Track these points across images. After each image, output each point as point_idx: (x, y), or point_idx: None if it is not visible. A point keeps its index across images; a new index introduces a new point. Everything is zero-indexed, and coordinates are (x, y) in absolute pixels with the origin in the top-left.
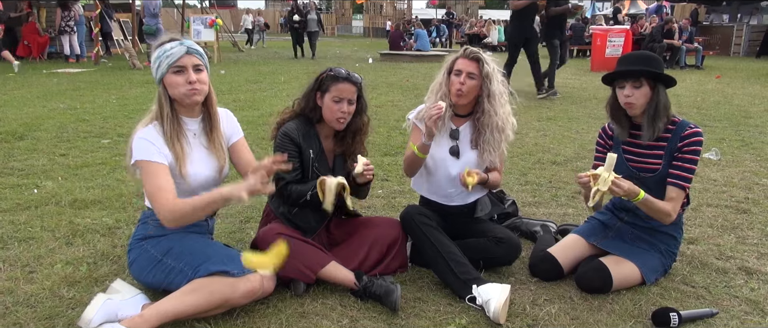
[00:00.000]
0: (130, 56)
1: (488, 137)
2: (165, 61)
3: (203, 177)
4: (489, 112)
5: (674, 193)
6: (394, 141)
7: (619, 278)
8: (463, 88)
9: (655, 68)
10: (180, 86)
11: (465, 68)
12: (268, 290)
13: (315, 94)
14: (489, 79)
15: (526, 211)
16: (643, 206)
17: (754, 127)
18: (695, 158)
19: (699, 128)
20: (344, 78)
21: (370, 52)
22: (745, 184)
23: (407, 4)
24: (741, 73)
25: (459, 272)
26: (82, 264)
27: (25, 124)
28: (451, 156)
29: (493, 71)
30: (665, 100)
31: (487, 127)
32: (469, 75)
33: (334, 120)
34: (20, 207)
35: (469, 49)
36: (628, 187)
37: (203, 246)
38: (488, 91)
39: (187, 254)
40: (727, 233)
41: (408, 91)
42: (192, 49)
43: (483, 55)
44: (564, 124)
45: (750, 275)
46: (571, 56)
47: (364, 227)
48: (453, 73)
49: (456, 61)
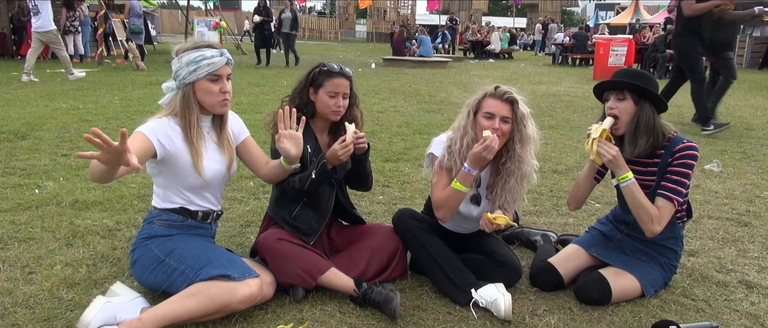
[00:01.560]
0: (134, 57)
1: (512, 186)
2: (205, 68)
3: (213, 171)
4: (520, 158)
5: (661, 203)
6: (395, 147)
7: (619, 290)
8: (500, 133)
9: (642, 84)
10: (213, 95)
11: (498, 112)
12: (267, 295)
13: (308, 90)
14: (523, 123)
15: (527, 220)
16: (629, 193)
17: (756, 140)
18: (686, 172)
19: (694, 143)
20: (338, 73)
21: (374, 57)
22: (746, 196)
23: (411, 10)
24: (743, 85)
25: (455, 277)
26: (82, 266)
27: (27, 123)
28: (472, 204)
29: (527, 114)
30: (650, 118)
31: (513, 176)
32: (503, 119)
33: (330, 113)
34: (21, 207)
35: (501, 89)
36: (616, 153)
37: (205, 249)
38: (521, 136)
39: (189, 256)
40: (727, 246)
41: (410, 97)
42: (230, 60)
43: (516, 95)
44: (565, 132)
45: (750, 288)
46: (573, 65)
47: (364, 236)
48: (482, 116)
49: (484, 101)
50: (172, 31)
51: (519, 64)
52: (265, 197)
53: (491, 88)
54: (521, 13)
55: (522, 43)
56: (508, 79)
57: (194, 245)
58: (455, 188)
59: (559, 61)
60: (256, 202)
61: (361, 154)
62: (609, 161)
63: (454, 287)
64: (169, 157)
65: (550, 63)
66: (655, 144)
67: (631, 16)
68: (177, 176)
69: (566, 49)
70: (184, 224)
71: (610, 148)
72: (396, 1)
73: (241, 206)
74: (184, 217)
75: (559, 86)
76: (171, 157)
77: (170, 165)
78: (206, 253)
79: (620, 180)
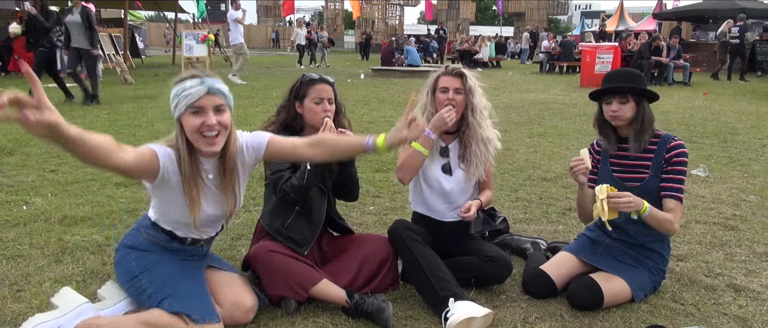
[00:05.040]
0: (122, 71)
1: (475, 149)
2: (183, 101)
3: (209, 219)
4: (473, 125)
5: (672, 204)
6: (385, 157)
7: (610, 294)
8: (454, 102)
9: (640, 85)
10: (195, 130)
11: (451, 85)
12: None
13: (293, 104)
14: (472, 94)
15: (517, 227)
16: (652, 219)
17: (741, 144)
18: (684, 170)
19: (682, 142)
20: (319, 80)
21: (362, 67)
22: (732, 201)
23: (399, 20)
24: (728, 90)
25: (439, 288)
26: (71, 282)
27: (14, 139)
28: (444, 173)
29: (475, 85)
30: (650, 114)
31: (473, 140)
32: (456, 91)
33: (319, 121)
34: (9, 224)
35: (451, 66)
36: (629, 199)
37: (179, 276)
38: (472, 106)
39: (160, 279)
40: (715, 250)
41: (399, 107)
42: (214, 88)
43: (465, 70)
44: (554, 140)
45: (738, 292)
46: (560, 72)
47: (355, 245)
48: (439, 91)
49: (439, 79)
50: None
51: (507, 72)
52: (255, 209)
53: (443, 68)
54: (508, 22)
55: (510, 52)
56: (496, 87)
57: (169, 268)
58: (415, 147)
59: (546, 69)
60: (247, 214)
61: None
62: (628, 208)
63: (434, 296)
64: (165, 186)
65: (537, 71)
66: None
67: (616, 23)
68: (170, 208)
69: (553, 57)
70: (168, 247)
71: (622, 198)
72: (382, 5)
73: (232, 219)
74: (171, 239)
75: (547, 94)
76: (168, 190)
77: (167, 197)
78: (177, 282)
79: (642, 214)
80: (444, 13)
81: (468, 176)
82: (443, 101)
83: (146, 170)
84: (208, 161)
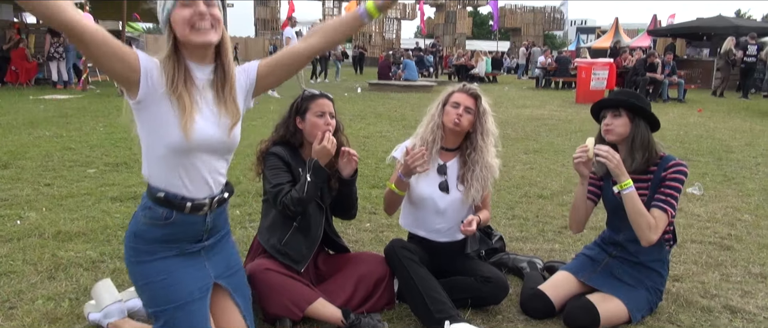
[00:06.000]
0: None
1: (478, 173)
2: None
3: (205, 134)
4: (482, 148)
5: (656, 213)
6: (382, 173)
7: (607, 315)
8: (461, 120)
9: (637, 102)
10: (186, 23)
11: (464, 102)
12: None
13: (294, 119)
14: (485, 117)
15: (513, 246)
16: (629, 200)
17: (736, 162)
18: (678, 186)
19: (684, 162)
20: (319, 95)
21: (359, 81)
22: (727, 220)
23: (396, 34)
24: (722, 107)
25: (435, 309)
26: (64, 300)
27: (9, 152)
28: (441, 191)
29: (488, 110)
30: (644, 135)
31: (477, 164)
32: (467, 109)
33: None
34: (2, 239)
35: (467, 85)
36: (619, 160)
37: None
38: (483, 129)
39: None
40: (711, 271)
41: (396, 122)
42: None
43: (481, 92)
44: (550, 157)
45: (734, 313)
46: (556, 88)
47: (351, 264)
48: (449, 105)
49: (453, 94)
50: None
51: (503, 87)
52: (251, 226)
53: (460, 85)
54: (505, 37)
55: (506, 67)
56: (492, 102)
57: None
58: (390, 187)
59: (542, 84)
60: (243, 231)
61: (349, 176)
62: (612, 167)
63: (429, 317)
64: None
65: (533, 86)
66: (649, 160)
67: (611, 39)
68: (159, 129)
69: (549, 73)
70: (168, 222)
71: (613, 155)
72: (379, 19)
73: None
74: (169, 210)
75: (543, 110)
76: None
77: (154, 116)
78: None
79: (622, 187)
80: (441, 27)
81: (465, 197)
82: (451, 114)
83: (111, 56)
84: (201, 70)
